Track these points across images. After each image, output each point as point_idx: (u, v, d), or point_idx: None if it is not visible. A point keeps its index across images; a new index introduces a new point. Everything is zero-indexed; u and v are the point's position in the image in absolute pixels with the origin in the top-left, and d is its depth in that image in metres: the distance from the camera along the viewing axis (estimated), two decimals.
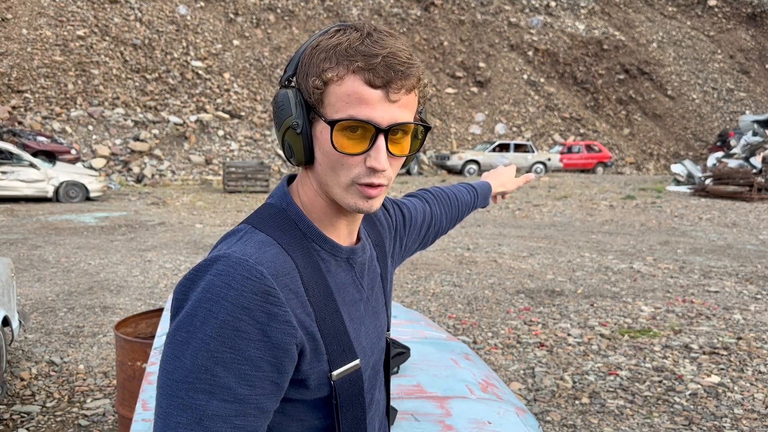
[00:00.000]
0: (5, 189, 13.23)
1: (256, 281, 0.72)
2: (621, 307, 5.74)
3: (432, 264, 7.70)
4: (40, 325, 5.06)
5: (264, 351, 0.72)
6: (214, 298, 0.71)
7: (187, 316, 0.72)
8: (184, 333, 0.71)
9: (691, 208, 13.92)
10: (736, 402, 3.66)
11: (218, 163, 20.49)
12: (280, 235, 0.80)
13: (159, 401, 0.72)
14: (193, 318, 0.71)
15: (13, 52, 21.74)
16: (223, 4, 27.87)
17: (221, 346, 0.70)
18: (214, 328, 0.70)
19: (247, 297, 0.71)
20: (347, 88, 0.74)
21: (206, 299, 0.71)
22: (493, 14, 33.57)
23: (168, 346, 0.73)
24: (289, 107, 0.77)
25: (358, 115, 0.74)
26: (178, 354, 0.71)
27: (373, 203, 0.79)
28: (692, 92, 33.95)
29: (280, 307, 0.73)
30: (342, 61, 0.74)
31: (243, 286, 0.71)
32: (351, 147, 0.75)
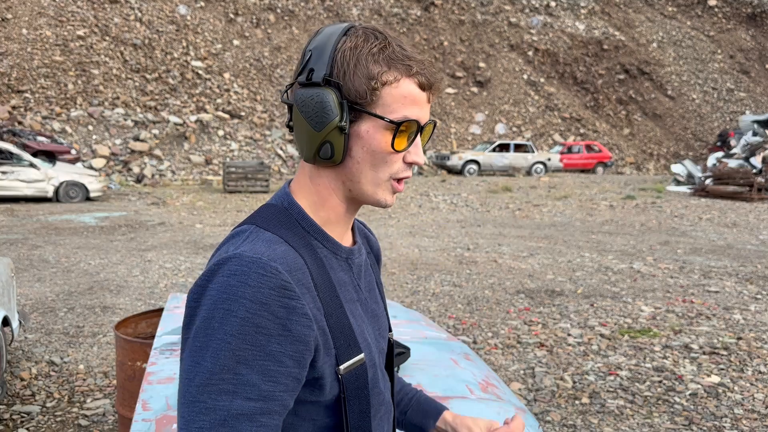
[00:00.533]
0: (5, 189, 13.23)
1: (272, 277, 0.72)
2: (621, 307, 5.74)
3: (432, 264, 7.70)
4: (40, 325, 5.06)
5: (285, 345, 0.73)
6: (232, 298, 0.71)
7: (204, 320, 0.72)
8: (202, 337, 0.71)
9: (691, 208, 13.92)
10: (736, 402, 3.66)
11: (218, 163, 20.49)
12: (286, 233, 0.81)
13: (181, 411, 0.71)
14: (211, 320, 0.71)
15: (13, 52, 21.74)
16: (223, 4, 27.87)
17: (243, 343, 0.70)
18: (235, 327, 0.70)
19: (265, 293, 0.72)
20: (404, 90, 0.79)
21: (223, 299, 0.71)
22: (493, 14, 33.58)
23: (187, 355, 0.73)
24: (333, 109, 0.78)
25: (411, 115, 0.80)
26: (198, 359, 0.71)
27: (395, 198, 0.86)
28: (692, 92, 33.95)
29: (298, 300, 0.74)
30: (397, 65, 0.79)
31: (259, 282, 0.72)
32: (401, 144, 0.81)
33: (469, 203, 14.84)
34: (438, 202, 15.00)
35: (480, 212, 13.49)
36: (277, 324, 0.72)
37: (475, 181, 19.66)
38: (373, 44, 0.79)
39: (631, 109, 32.18)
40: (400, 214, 13.01)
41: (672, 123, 32.20)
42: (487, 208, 14.15)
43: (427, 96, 0.83)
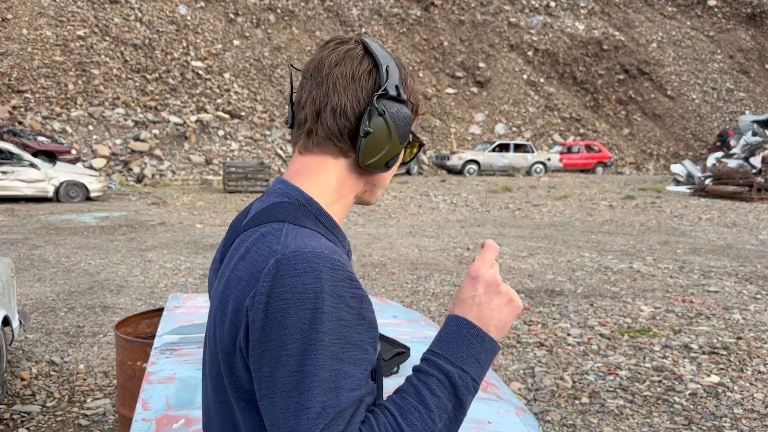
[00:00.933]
0: (6, 189, 13.23)
1: (340, 269, 0.74)
2: (621, 307, 5.74)
3: (432, 264, 7.70)
4: (40, 325, 5.07)
5: (363, 333, 0.74)
6: (312, 296, 0.71)
7: (291, 325, 0.71)
8: (293, 343, 0.71)
9: (691, 208, 13.93)
10: (735, 402, 3.66)
11: (218, 163, 20.50)
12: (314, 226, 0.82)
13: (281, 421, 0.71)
14: (298, 323, 0.71)
15: (13, 52, 21.75)
16: (223, 4, 27.87)
17: (333, 338, 0.71)
18: (324, 324, 0.71)
19: (338, 285, 0.73)
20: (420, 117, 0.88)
21: (303, 300, 0.71)
22: (493, 14, 33.58)
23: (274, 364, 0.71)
24: (409, 126, 0.87)
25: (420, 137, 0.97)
26: (298, 367, 0.70)
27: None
28: (692, 92, 33.95)
29: (362, 288, 0.76)
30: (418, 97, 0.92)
31: (332, 276, 0.73)
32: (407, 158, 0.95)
33: (469, 203, 14.84)
34: (438, 202, 15.01)
35: (480, 212, 13.49)
36: (354, 314, 0.73)
37: (475, 181, 19.66)
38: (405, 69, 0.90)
39: (631, 109, 32.18)
40: (400, 214, 13.01)
41: (672, 123, 32.20)
42: (486, 208, 14.15)
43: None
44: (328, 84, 0.84)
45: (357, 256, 8.21)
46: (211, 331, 0.83)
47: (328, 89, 0.84)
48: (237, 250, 0.80)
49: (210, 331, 0.84)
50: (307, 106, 0.86)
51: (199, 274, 6.96)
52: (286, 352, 0.71)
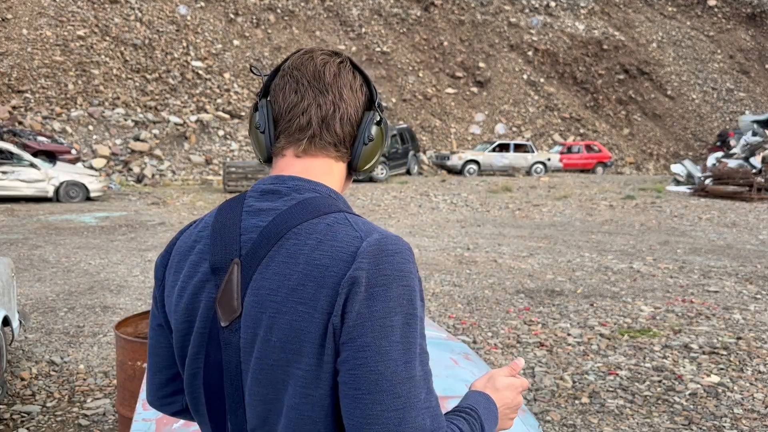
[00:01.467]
0: (5, 189, 13.23)
1: (412, 253, 0.82)
2: (621, 307, 5.74)
3: (432, 264, 7.70)
4: (40, 325, 5.07)
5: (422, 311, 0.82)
6: (406, 274, 0.79)
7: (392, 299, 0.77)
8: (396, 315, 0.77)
9: (691, 208, 13.92)
10: (735, 402, 3.66)
11: (218, 163, 20.49)
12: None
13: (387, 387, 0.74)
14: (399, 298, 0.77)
15: (13, 52, 21.74)
16: (223, 4, 27.87)
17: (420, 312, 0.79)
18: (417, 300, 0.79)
19: (415, 267, 0.81)
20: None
21: (400, 276, 0.78)
22: (493, 14, 33.58)
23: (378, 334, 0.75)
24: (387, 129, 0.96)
25: None
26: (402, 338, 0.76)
27: None
28: (692, 92, 33.95)
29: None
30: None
31: (413, 259, 0.82)
32: None
33: (469, 203, 14.84)
34: (438, 202, 15.00)
35: (480, 212, 13.49)
36: (420, 292, 0.81)
37: (475, 181, 19.66)
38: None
39: (631, 109, 32.18)
40: (400, 214, 13.01)
41: (672, 123, 32.20)
42: (487, 208, 14.15)
43: None
44: (334, 93, 0.88)
45: None
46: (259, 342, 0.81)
47: (335, 98, 0.88)
48: (301, 244, 0.80)
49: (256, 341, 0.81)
50: (311, 112, 0.87)
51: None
52: (391, 323, 0.76)
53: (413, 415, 0.74)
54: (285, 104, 0.88)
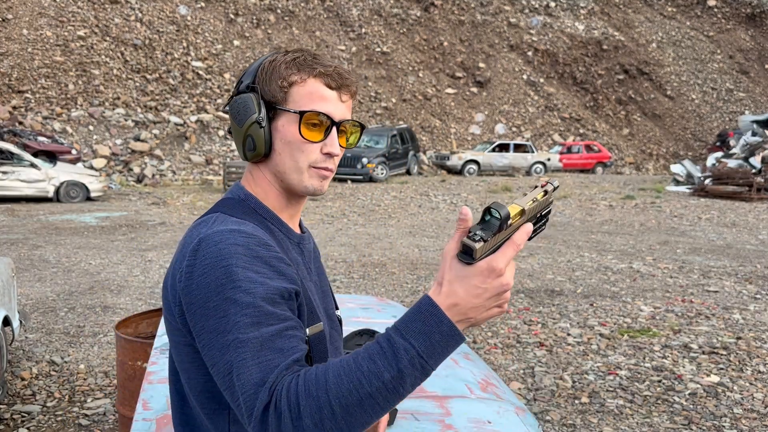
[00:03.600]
0: (6, 189, 13.23)
1: (255, 237, 0.86)
2: (620, 306, 5.75)
3: (432, 264, 7.71)
4: (40, 325, 5.07)
5: (285, 282, 0.85)
6: (227, 256, 0.82)
7: (209, 284, 0.82)
8: (214, 295, 0.81)
9: (691, 208, 13.93)
10: (735, 402, 3.66)
11: (219, 163, 20.50)
12: (248, 218, 0.94)
13: (219, 359, 0.80)
14: (216, 279, 0.82)
15: (13, 53, 21.75)
16: (223, 5, 27.88)
17: (252, 285, 0.81)
18: (239, 275, 0.81)
19: (254, 248, 0.84)
20: (310, 88, 0.93)
21: (219, 260, 0.82)
22: (493, 14, 33.57)
23: (205, 317, 0.82)
24: (252, 107, 0.93)
25: (319, 108, 0.92)
26: (222, 313, 0.80)
27: (324, 184, 0.97)
28: (692, 92, 33.95)
29: (279, 253, 0.87)
30: (304, 68, 0.93)
31: (246, 241, 0.84)
32: (312, 136, 0.93)
33: (468, 203, 14.84)
34: (438, 202, 15.01)
35: (480, 212, 13.50)
36: (271, 269, 0.84)
37: (475, 181, 19.67)
38: (288, 56, 0.94)
39: (631, 109, 32.18)
40: (400, 214, 13.02)
41: (671, 123, 32.20)
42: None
43: (337, 95, 0.94)
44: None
45: (357, 256, 8.21)
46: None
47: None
48: (184, 238, 0.92)
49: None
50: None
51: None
52: (212, 304, 0.81)
53: (238, 373, 0.78)
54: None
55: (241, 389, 0.78)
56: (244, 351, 0.78)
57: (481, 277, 0.74)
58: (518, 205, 0.77)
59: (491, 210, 0.75)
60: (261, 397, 0.76)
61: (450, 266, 0.76)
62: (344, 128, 0.97)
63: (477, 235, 0.74)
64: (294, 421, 0.74)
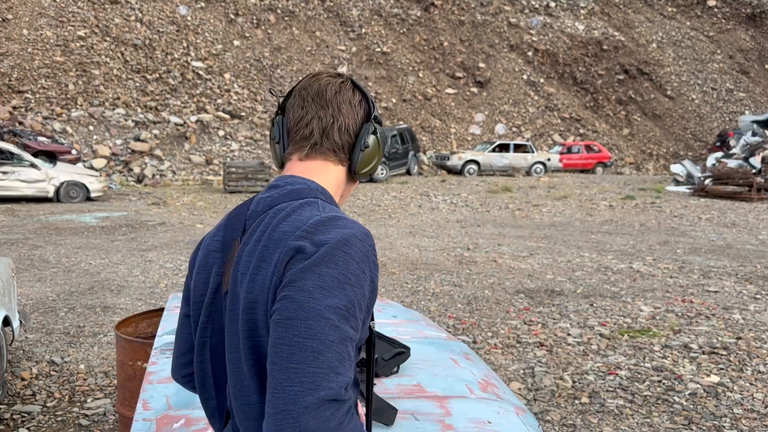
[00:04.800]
0: (6, 189, 13.23)
1: (370, 239, 0.93)
2: (620, 306, 5.75)
3: (432, 264, 7.71)
4: (40, 325, 5.07)
5: (371, 293, 0.92)
6: (364, 260, 0.90)
7: (343, 265, 0.87)
8: (337, 275, 0.86)
9: (691, 208, 13.93)
10: (735, 402, 3.67)
11: (219, 164, 20.50)
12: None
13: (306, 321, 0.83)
14: (348, 267, 0.87)
15: (13, 53, 21.75)
16: (223, 5, 27.87)
17: (360, 290, 0.88)
18: (363, 280, 0.89)
19: (367, 249, 0.91)
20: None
21: (360, 259, 0.89)
22: (493, 14, 33.58)
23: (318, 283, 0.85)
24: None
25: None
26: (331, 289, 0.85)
27: None
28: (692, 92, 33.95)
29: (377, 260, 0.96)
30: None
31: (363, 240, 0.91)
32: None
33: (468, 203, 14.85)
34: (438, 202, 15.01)
35: (480, 212, 13.49)
36: (370, 276, 0.91)
37: (475, 181, 19.66)
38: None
39: (631, 109, 32.18)
40: (400, 214, 13.02)
41: (671, 123, 32.20)
42: (486, 208, 14.15)
43: None
44: (333, 107, 1.04)
45: None
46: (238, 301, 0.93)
47: (335, 111, 1.04)
48: (274, 217, 0.95)
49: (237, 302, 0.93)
50: (314, 124, 1.04)
51: None
52: (329, 277, 0.86)
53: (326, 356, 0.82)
54: (294, 118, 1.05)
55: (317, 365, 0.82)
56: (333, 334, 0.83)
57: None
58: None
59: None
60: (335, 386, 0.81)
61: None
62: None
63: None
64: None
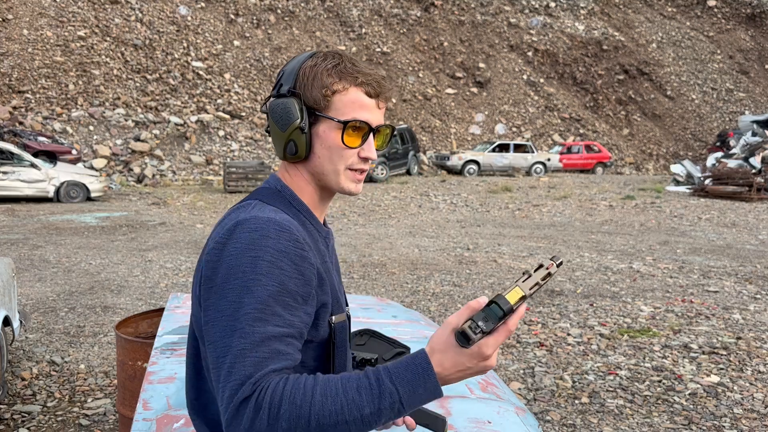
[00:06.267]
0: (6, 189, 13.23)
1: (288, 232, 0.90)
2: (620, 306, 5.75)
3: (432, 264, 7.71)
4: (40, 325, 5.07)
5: (300, 286, 0.89)
6: (257, 247, 0.87)
7: (234, 267, 0.87)
8: (234, 279, 0.86)
9: (691, 208, 13.93)
10: (735, 402, 3.67)
11: (219, 164, 20.50)
12: (284, 208, 0.99)
13: (220, 341, 0.85)
14: (240, 266, 0.87)
15: (14, 53, 21.75)
16: (223, 5, 27.87)
17: (270, 281, 0.86)
18: (263, 268, 0.86)
19: (284, 243, 0.89)
20: (351, 96, 0.98)
21: (249, 249, 0.87)
22: (493, 15, 33.57)
23: (218, 297, 0.87)
24: (295, 113, 0.98)
25: (361, 117, 0.99)
26: (233, 297, 0.86)
27: (359, 186, 1.04)
28: (692, 92, 33.94)
29: (307, 252, 0.91)
30: (346, 77, 0.98)
31: (278, 235, 0.89)
32: (352, 142, 0.99)
33: (468, 203, 14.85)
34: (438, 202, 15.01)
35: (480, 212, 13.50)
36: (294, 268, 0.88)
37: (475, 182, 19.66)
38: (329, 62, 0.99)
39: (631, 109, 32.18)
40: (400, 214, 13.02)
41: (671, 123, 32.19)
42: (486, 208, 14.15)
43: (375, 102, 1.00)
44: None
45: (357, 256, 8.22)
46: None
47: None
48: (219, 224, 0.97)
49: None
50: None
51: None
52: (229, 286, 0.86)
53: (233, 362, 0.83)
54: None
55: (228, 376, 0.82)
56: (244, 342, 0.83)
57: (471, 359, 0.84)
58: (521, 291, 0.84)
59: (496, 303, 0.83)
60: (244, 389, 0.81)
61: (447, 338, 0.85)
62: (378, 132, 1.04)
63: (478, 327, 0.82)
64: (270, 419, 0.79)
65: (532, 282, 0.85)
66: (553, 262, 0.87)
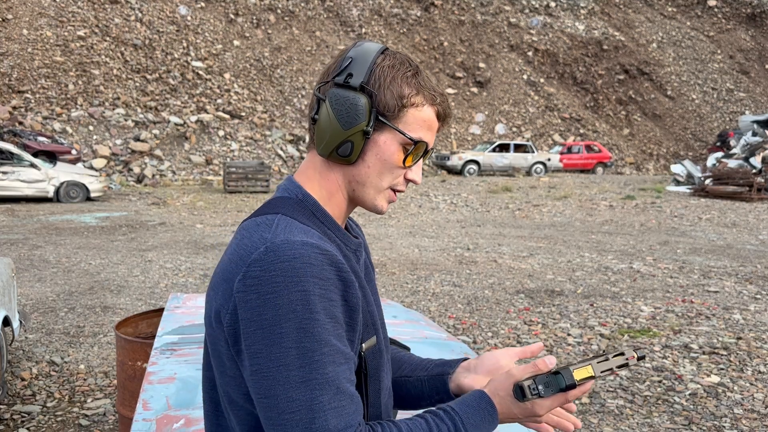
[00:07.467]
0: (6, 189, 13.23)
1: (328, 255, 0.80)
2: (621, 307, 5.75)
3: (432, 264, 7.70)
4: (40, 325, 5.07)
5: (346, 314, 0.82)
6: (303, 279, 0.77)
7: (284, 305, 0.76)
8: (288, 322, 0.76)
9: (691, 208, 13.92)
10: (735, 402, 3.66)
11: (219, 164, 20.50)
12: (307, 221, 0.87)
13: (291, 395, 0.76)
14: (291, 303, 0.76)
15: (13, 53, 21.75)
16: (223, 5, 27.88)
17: (325, 317, 0.78)
18: (315, 304, 0.77)
19: (328, 270, 0.79)
20: (425, 115, 0.89)
21: (295, 282, 0.76)
22: (493, 14, 33.58)
23: (269, 342, 0.76)
24: (363, 114, 0.86)
25: (425, 138, 0.90)
26: (295, 344, 0.76)
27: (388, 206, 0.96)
28: (692, 92, 33.95)
29: (350, 274, 0.82)
30: (425, 92, 0.89)
31: (321, 261, 0.79)
32: (410, 161, 0.91)
33: (469, 203, 14.85)
34: (438, 202, 15.01)
35: (480, 212, 13.50)
36: (339, 295, 0.80)
37: (475, 182, 19.66)
38: (408, 69, 0.89)
39: (631, 109, 32.18)
40: (400, 214, 13.02)
41: (672, 123, 32.20)
42: (487, 208, 14.15)
43: (439, 125, 0.93)
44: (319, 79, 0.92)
45: None
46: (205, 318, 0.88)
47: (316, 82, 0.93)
48: (234, 238, 0.86)
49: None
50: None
51: (200, 274, 6.96)
52: (281, 330, 0.76)
53: (311, 417, 0.76)
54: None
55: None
56: (322, 393, 0.76)
57: (522, 411, 0.88)
58: (591, 371, 0.84)
59: (563, 375, 0.84)
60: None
61: (506, 386, 0.89)
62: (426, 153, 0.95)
63: (536, 390, 0.85)
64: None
65: (605, 366, 0.86)
66: (635, 354, 0.87)
